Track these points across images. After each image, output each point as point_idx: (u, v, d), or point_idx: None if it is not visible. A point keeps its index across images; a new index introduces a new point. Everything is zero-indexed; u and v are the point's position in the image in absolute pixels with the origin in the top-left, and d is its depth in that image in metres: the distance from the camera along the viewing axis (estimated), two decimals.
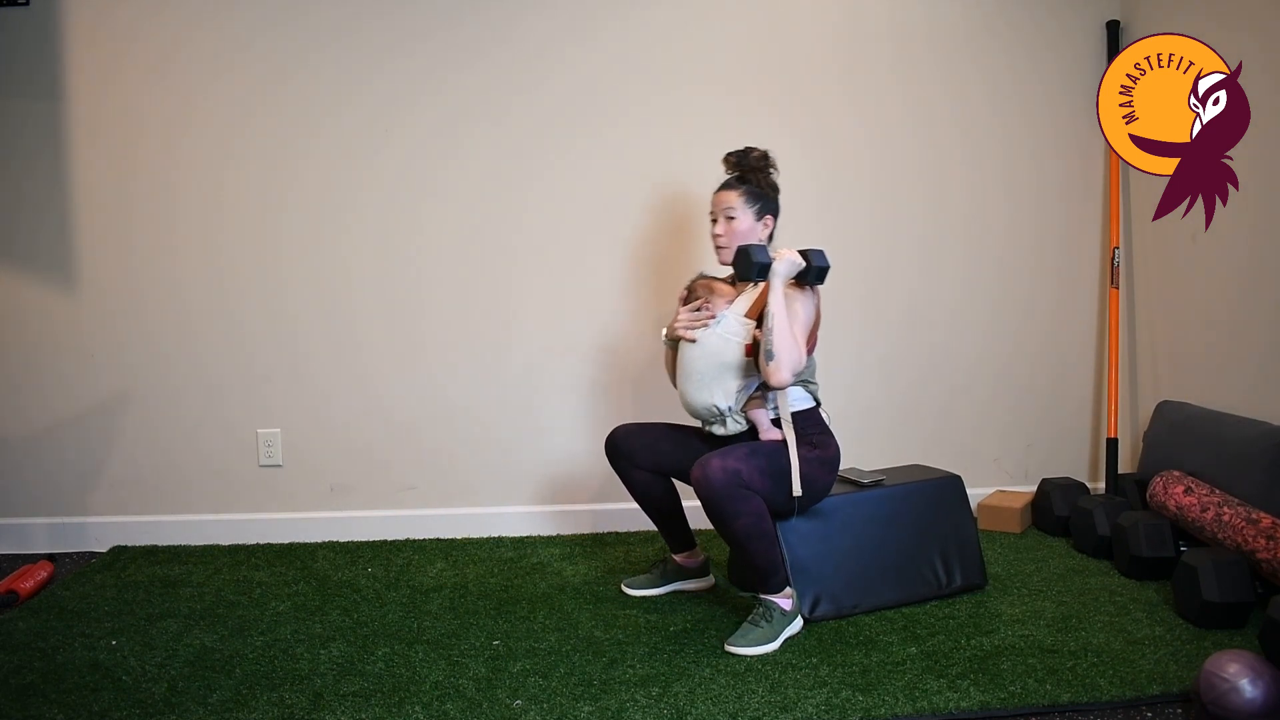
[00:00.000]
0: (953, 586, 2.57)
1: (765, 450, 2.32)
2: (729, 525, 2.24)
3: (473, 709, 1.99)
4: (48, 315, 3.08)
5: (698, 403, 2.40)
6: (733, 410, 2.38)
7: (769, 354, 2.25)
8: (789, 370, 2.25)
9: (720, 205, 2.48)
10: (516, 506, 3.22)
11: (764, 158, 2.51)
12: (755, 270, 2.30)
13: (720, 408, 2.37)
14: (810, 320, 2.39)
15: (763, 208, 2.48)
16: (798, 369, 2.27)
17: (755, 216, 2.47)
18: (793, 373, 2.26)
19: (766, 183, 2.50)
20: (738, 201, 2.46)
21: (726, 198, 2.48)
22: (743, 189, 2.47)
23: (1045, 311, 3.35)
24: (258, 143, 3.08)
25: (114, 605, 2.60)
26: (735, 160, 2.52)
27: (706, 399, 2.38)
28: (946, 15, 3.24)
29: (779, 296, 2.27)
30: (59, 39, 3.02)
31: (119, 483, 3.13)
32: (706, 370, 2.37)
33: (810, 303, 2.39)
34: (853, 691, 2.04)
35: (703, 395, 2.38)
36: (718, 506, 2.22)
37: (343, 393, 3.15)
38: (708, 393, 2.37)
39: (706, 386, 2.37)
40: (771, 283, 2.29)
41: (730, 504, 2.21)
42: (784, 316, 2.26)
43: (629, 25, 3.15)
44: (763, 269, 2.30)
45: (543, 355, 3.20)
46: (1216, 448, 2.72)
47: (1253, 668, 1.84)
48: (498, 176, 3.14)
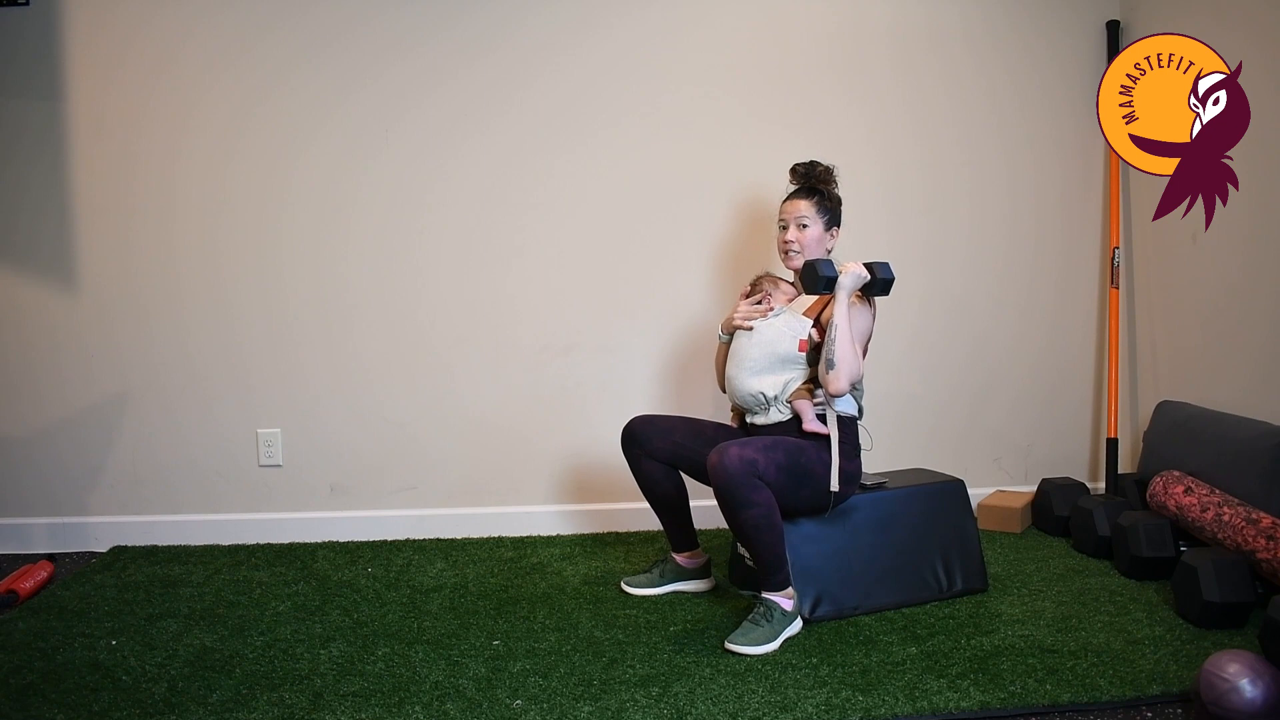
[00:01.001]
0: (953, 590, 2.57)
1: (786, 446, 2.33)
2: (739, 514, 2.25)
3: (473, 709, 1.99)
4: (47, 315, 3.08)
5: (745, 389, 2.46)
6: (778, 400, 2.44)
7: (830, 363, 2.34)
8: (847, 380, 2.34)
9: (794, 213, 2.56)
10: (516, 506, 3.22)
11: (829, 171, 2.61)
12: (822, 284, 2.39)
13: (767, 395, 2.44)
14: (868, 331, 2.48)
15: (831, 219, 2.58)
16: (855, 379, 2.37)
17: (825, 227, 2.57)
18: (850, 382, 2.35)
19: (832, 195, 2.60)
20: (811, 211, 2.55)
21: (800, 206, 2.56)
22: (815, 199, 2.56)
23: (1045, 311, 3.35)
24: (258, 142, 3.08)
25: (114, 605, 2.60)
26: (803, 172, 2.61)
27: (755, 386, 2.45)
28: (947, 15, 3.24)
29: (844, 308, 2.36)
30: (59, 39, 3.02)
31: (119, 483, 3.13)
32: (760, 358, 2.45)
33: (869, 315, 2.47)
34: (853, 691, 2.04)
35: (752, 382, 2.45)
36: (730, 494, 2.23)
37: (343, 393, 3.15)
38: (756, 380, 2.45)
39: (757, 374, 2.45)
40: (837, 295, 2.38)
41: (743, 492, 2.23)
42: (847, 328, 2.35)
43: (630, 25, 3.15)
44: (829, 282, 2.38)
45: (543, 355, 3.20)
46: (1216, 448, 2.72)
47: (1253, 668, 1.84)
48: (498, 175, 3.14)
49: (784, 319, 2.48)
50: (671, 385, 3.22)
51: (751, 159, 3.19)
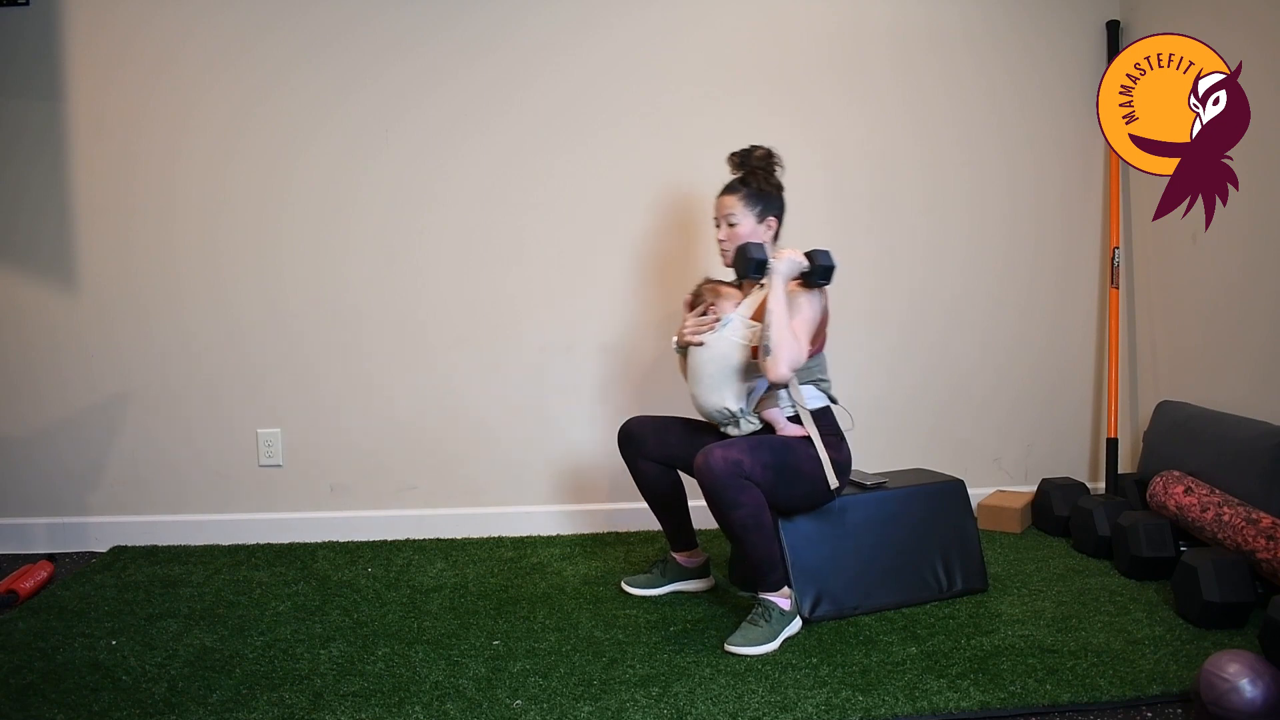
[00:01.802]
0: (953, 590, 2.57)
1: (772, 445, 2.32)
2: (727, 515, 2.24)
3: (473, 709, 1.99)
4: (47, 315, 3.08)
5: (709, 405, 2.40)
6: (745, 412, 2.38)
7: (765, 349, 2.25)
8: (786, 365, 2.24)
9: (722, 210, 2.48)
10: (516, 506, 3.22)
11: (767, 156, 2.50)
12: (752, 267, 2.30)
13: (732, 409, 2.38)
14: (815, 318, 2.37)
15: (765, 209, 2.46)
16: (796, 364, 2.27)
17: (757, 219, 2.46)
18: (790, 367, 2.25)
19: (769, 183, 2.48)
20: (739, 206, 2.45)
21: (727, 203, 2.47)
22: (743, 192, 2.46)
23: (1045, 311, 3.35)
24: (258, 142, 3.08)
25: (114, 605, 2.60)
26: (739, 160, 2.51)
27: (717, 401, 2.38)
28: (947, 15, 3.24)
29: (779, 293, 2.27)
30: (59, 39, 3.02)
31: (119, 483, 3.13)
32: (716, 373, 2.37)
33: (816, 300, 2.37)
34: (853, 691, 2.04)
35: (713, 398, 2.38)
36: (717, 495, 2.22)
37: (343, 392, 3.15)
38: (718, 395, 2.38)
39: (716, 389, 2.38)
40: (771, 280, 2.29)
41: (730, 493, 2.22)
42: (782, 312, 2.26)
43: (630, 25, 3.15)
44: (760, 265, 2.30)
45: (544, 355, 3.20)
46: (1216, 448, 2.72)
47: (1253, 668, 1.84)
48: (498, 175, 3.14)
49: (733, 327, 2.38)
50: (672, 385, 3.22)
51: None
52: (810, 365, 2.40)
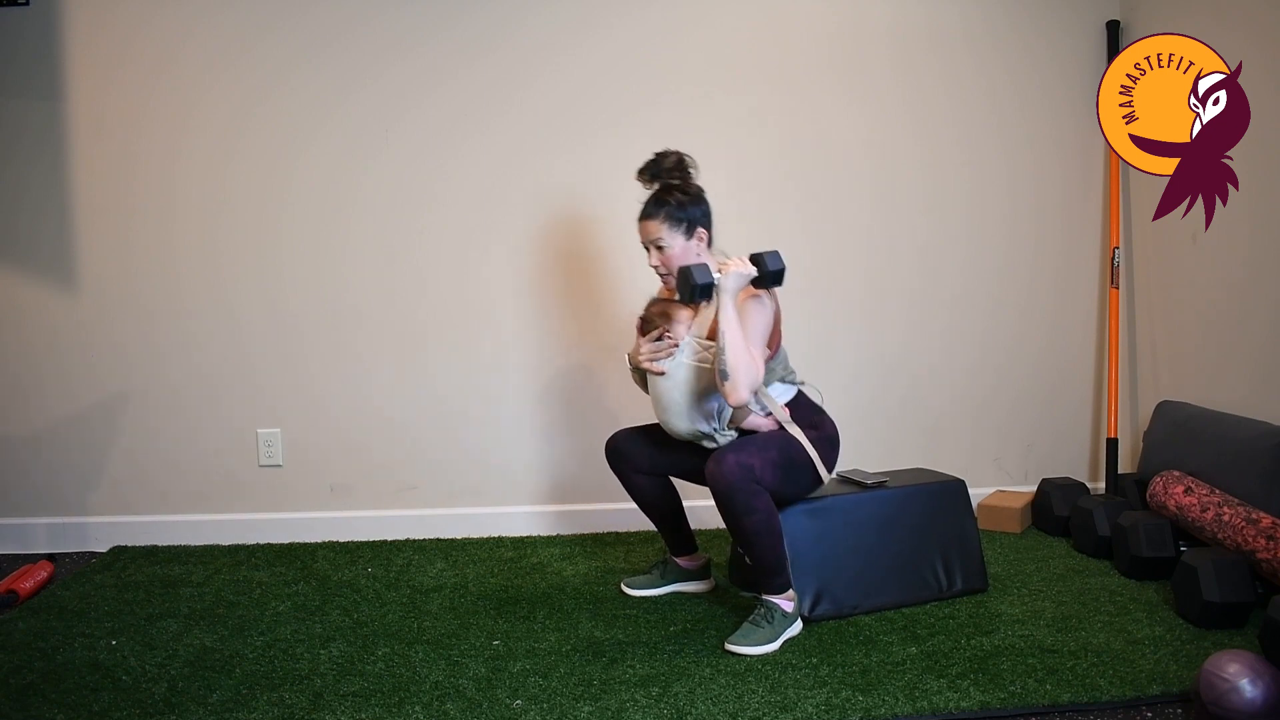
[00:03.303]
0: (953, 590, 2.57)
1: (777, 442, 2.31)
2: (740, 521, 2.24)
3: (473, 709, 1.99)
4: (48, 314, 3.08)
5: (682, 431, 2.36)
6: (719, 429, 2.34)
7: (723, 374, 2.19)
8: (747, 388, 2.19)
9: (647, 237, 2.40)
10: (516, 506, 3.22)
11: (679, 162, 2.41)
12: (698, 292, 2.21)
13: (705, 431, 2.34)
14: (767, 326, 2.31)
15: (690, 223, 2.37)
16: (755, 384, 2.21)
17: (685, 235, 2.37)
18: (750, 390, 2.20)
19: (688, 192, 2.39)
20: (662, 229, 2.36)
21: (651, 228, 2.38)
22: (662, 214, 2.36)
23: (1045, 311, 3.35)
24: (258, 142, 3.08)
25: (114, 605, 2.60)
26: (650, 174, 2.41)
27: (689, 427, 2.34)
28: (946, 15, 3.23)
29: (729, 313, 2.20)
30: (59, 39, 3.02)
31: (119, 483, 3.13)
32: (681, 400, 2.32)
33: (764, 308, 2.30)
34: (853, 691, 2.04)
35: (685, 425, 2.34)
36: (730, 502, 2.22)
37: (343, 393, 3.15)
38: (689, 421, 2.33)
39: (687, 416, 2.33)
40: (720, 300, 2.21)
41: (742, 498, 2.21)
42: (735, 333, 2.19)
43: (630, 25, 3.15)
44: (706, 290, 2.21)
45: (543, 355, 3.19)
46: (1216, 448, 2.72)
47: (1253, 668, 1.84)
48: (498, 176, 3.14)
49: (690, 351, 2.31)
50: None
51: (751, 158, 3.19)
52: (771, 366, 2.37)
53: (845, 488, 2.58)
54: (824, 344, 3.27)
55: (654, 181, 2.42)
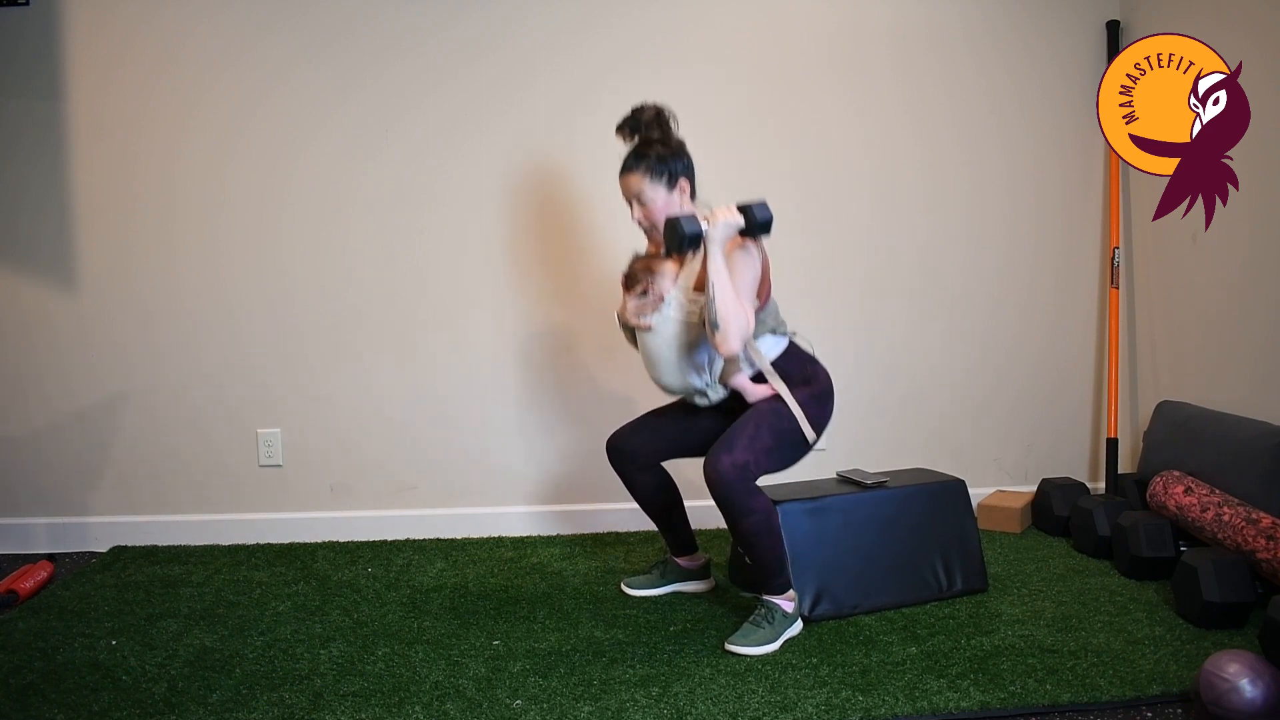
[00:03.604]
0: (953, 590, 2.57)
1: (767, 423, 2.29)
2: (740, 522, 2.24)
3: (473, 709, 1.99)
4: (47, 314, 3.08)
5: (674, 387, 2.39)
6: (711, 383, 2.35)
7: (714, 324, 2.18)
8: (738, 338, 2.18)
9: (629, 191, 2.38)
10: (516, 506, 3.22)
11: (658, 114, 2.39)
12: (688, 244, 2.19)
13: (697, 386, 2.35)
14: (755, 278, 2.28)
15: (671, 175, 2.35)
16: (746, 335, 2.20)
17: (667, 188, 2.35)
18: (741, 339, 2.19)
19: (668, 146, 2.37)
20: (645, 182, 2.34)
21: (632, 182, 2.36)
22: (643, 166, 2.34)
23: (1045, 311, 3.35)
24: (258, 142, 3.08)
25: (114, 605, 2.60)
26: (629, 128, 2.40)
27: (681, 381, 2.36)
28: (946, 15, 3.23)
29: (717, 263, 2.18)
30: (59, 39, 3.02)
31: (119, 483, 3.13)
32: (673, 356, 2.33)
33: (752, 258, 2.27)
34: (853, 691, 2.04)
35: (678, 380, 2.36)
36: (729, 503, 2.22)
37: (343, 393, 3.15)
38: (680, 376, 2.35)
39: (679, 371, 2.34)
40: (708, 250, 2.20)
41: (741, 499, 2.22)
42: (725, 283, 2.18)
43: (630, 25, 3.15)
44: (695, 240, 2.20)
45: (543, 355, 3.19)
46: (1216, 448, 2.72)
47: (1253, 668, 1.84)
48: (499, 175, 3.14)
49: (677, 305, 2.30)
50: None
51: (750, 158, 3.19)
52: (761, 317, 2.35)
53: (845, 488, 2.59)
54: (824, 344, 3.25)
55: (634, 135, 2.40)
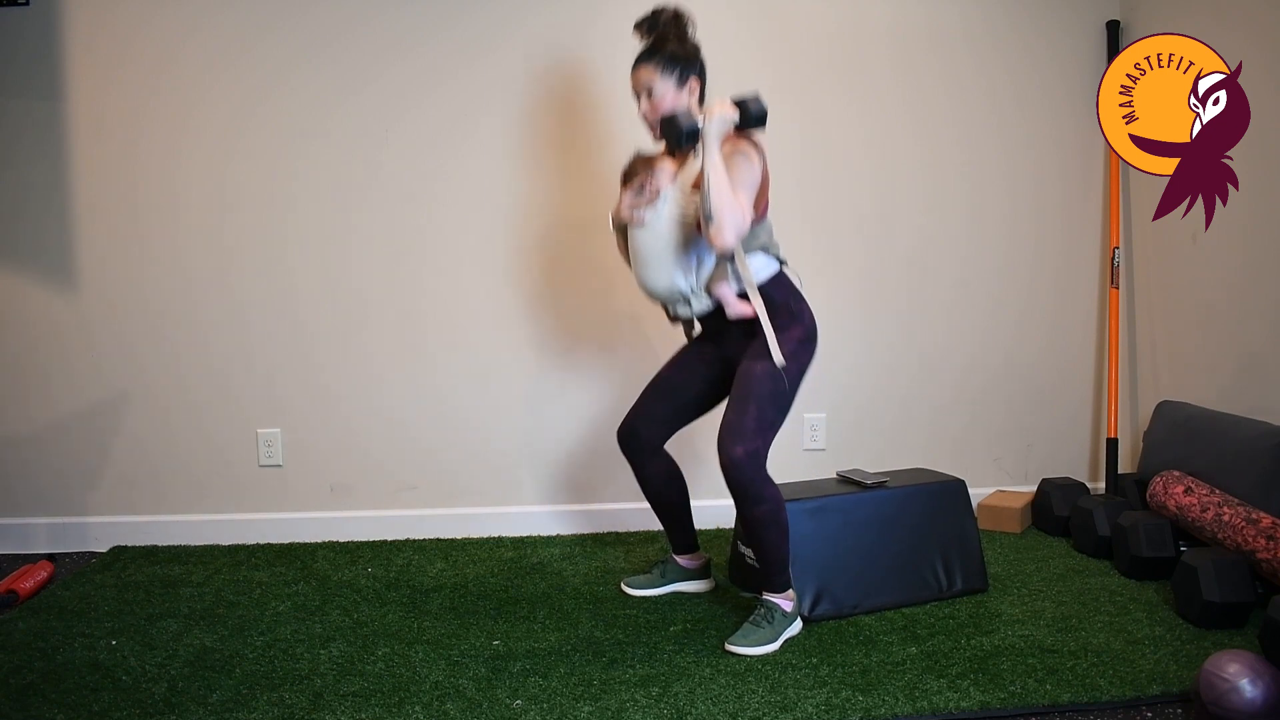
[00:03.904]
0: (953, 590, 2.57)
1: (767, 393, 2.27)
2: (751, 510, 2.26)
3: (473, 709, 1.99)
4: (47, 315, 3.08)
5: (658, 287, 2.35)
6: (696, 289, 2.33)
7: (708, 216, 2.15)
8: (732, 231, 2.15)
9: (639, 83, 2.38)
10: (516, 506, 3.22)
11: (676, 17, 2.40)
12: (684, 138, 2.19)
13: (683, 289, 2.32)
14: (755, 182, 2.26)
15: (683, 72, 2.36)
16: (741, 230, 2.18)
17: (677, 84, 2.36)
18: (736, 234, 2.16)
19: (685, 45, 2.39)
20: (656, 75, 2.35)
21: (643, 74, 2.37)
22: (656, 59, 2.36)
23: (1045, 311, 3.35)
24: (260, 142, 3.07)
25: (114, 605, 2.60)
26: (646, 27, 2.41)
27: (666, 282, 2.32)
28: (946, 15, 3.23)
29: (714, 157, 2.18)
30: (59, 39, 3.02)
31: (119, 482, 3.13)
32: (661, 253, 2.30)
33: (752, 164, 2.26)
34: (853, 691, 2.04)
35: (662, 279, 2.33)
36: (742, 490, 2.24)
37: (343, 393, 3.15)
38: (666, 275, 2.32)
39: (664, 269, 2.31)
40: (705, 144, 2.19)
41: (754, 488, 2.23)
42: (721, 176, 2.16)
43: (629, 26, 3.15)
44: (691, 134, 2.20)
45: (543, 354, 3.20)
46: (1216, 448, 2.72)
47: (1253, 668, 1.84)
48: (499, 175, 3.14)
49: (672, 202, 2.29)
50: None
51: None
52: (755, 231, 2.32)
53: (845, 488, 2.59)
54: (823, 343, 3.26)
55: (650, 33, 2.41)
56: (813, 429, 3.29)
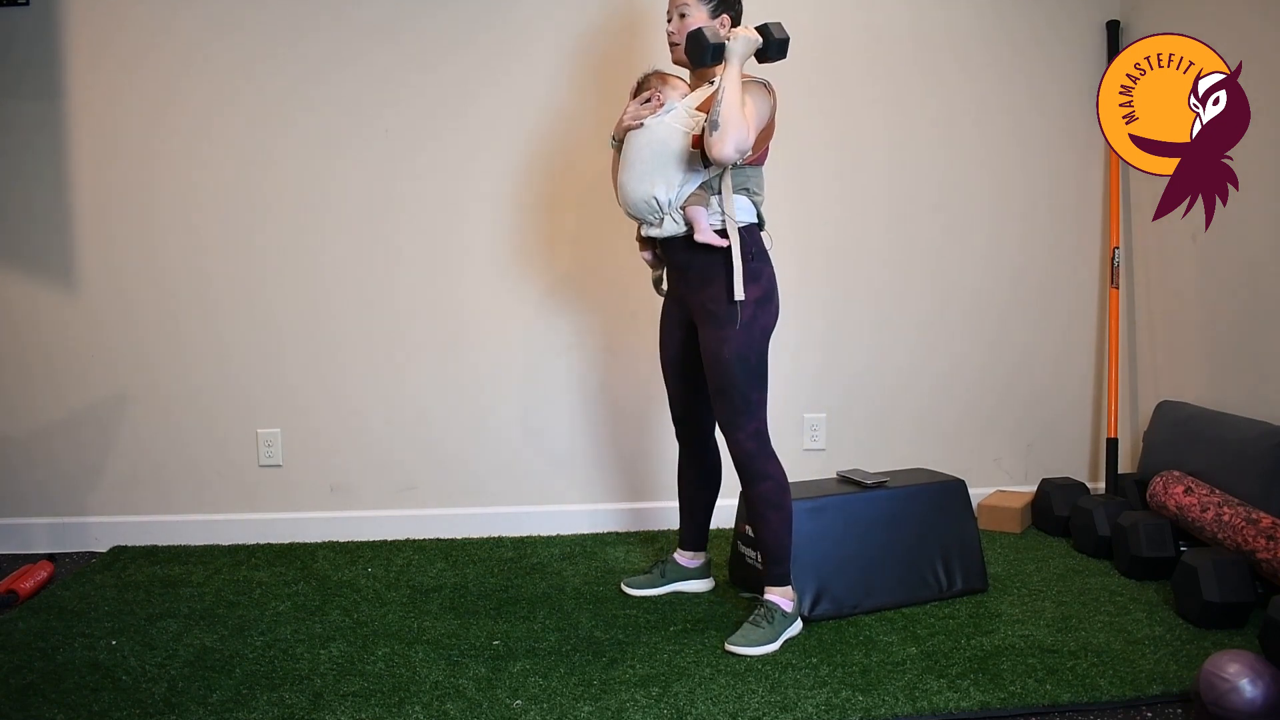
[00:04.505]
0: (953, 590, 2.57)
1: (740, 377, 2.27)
2: (755, 486, 2.32)
3: (473, 709, 1.99)
4: (48, 314, 3.08)
5: (637, 194, 2.31)
6: (672, 205, 2.30)
7: (714, 123, 2.14)
8: (734, 145, 2.14)
9: (675, 2, 2.36)
10: (517, 506, 3.22)
11: None
12: (709, 53, 2.19)
13: (659, 200, 2.29)
14: (763, 116, 2.26)
15: (718, 5, 2.35)
16: (741, 147, 2.16)
17: (710, 14, 2.34)
18: (736, 148, 2.15)
19: None
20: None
21: None
22: None
23: (1045, 311, 3.35)
24: (261, 142, 3.07)
25: (114, 605, 2.60)
26: None
27: (646, 190, 2.29)
28: (945, 16, 3.23)
29: (734, 74, 2.17)
30: (59, 39, 3.02)
31: (119, 483, 3.13)
32: (650, 159, 2.29)
33: (765, 100, 2.27)
34: (853, 691, 2.04)
35: (643, 186, 2.29)
36: (746, 466, 2.32)
37: (343, 392, 3.15)
38: (648, 183, 2.28)
39: (648, 176, 2.29)
40: (728, 61, 2.19)
41: (756, 464, 2.31)
42: (737, 91, 2.16)
43: (631, 18, 3.15)
44: (718, 51, 2.19)
45: (544, 354, 3.19)
46: (1216, 448, 2.72)
47: (1253, 668, 1.84)
48: (500, 175, 3.14)
49: (676, 114, 2.29)
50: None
51: None
52: (747, 172, 2.32)
53: (845, 488, 2.59)
54: (822, 343, 3.27)
55: None
56: (813, 429, 3.29)
